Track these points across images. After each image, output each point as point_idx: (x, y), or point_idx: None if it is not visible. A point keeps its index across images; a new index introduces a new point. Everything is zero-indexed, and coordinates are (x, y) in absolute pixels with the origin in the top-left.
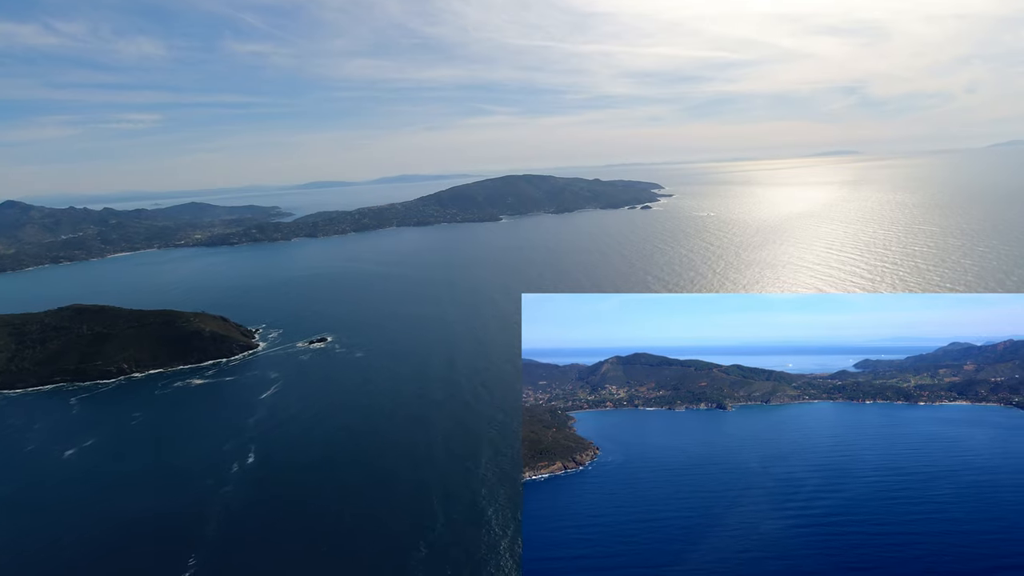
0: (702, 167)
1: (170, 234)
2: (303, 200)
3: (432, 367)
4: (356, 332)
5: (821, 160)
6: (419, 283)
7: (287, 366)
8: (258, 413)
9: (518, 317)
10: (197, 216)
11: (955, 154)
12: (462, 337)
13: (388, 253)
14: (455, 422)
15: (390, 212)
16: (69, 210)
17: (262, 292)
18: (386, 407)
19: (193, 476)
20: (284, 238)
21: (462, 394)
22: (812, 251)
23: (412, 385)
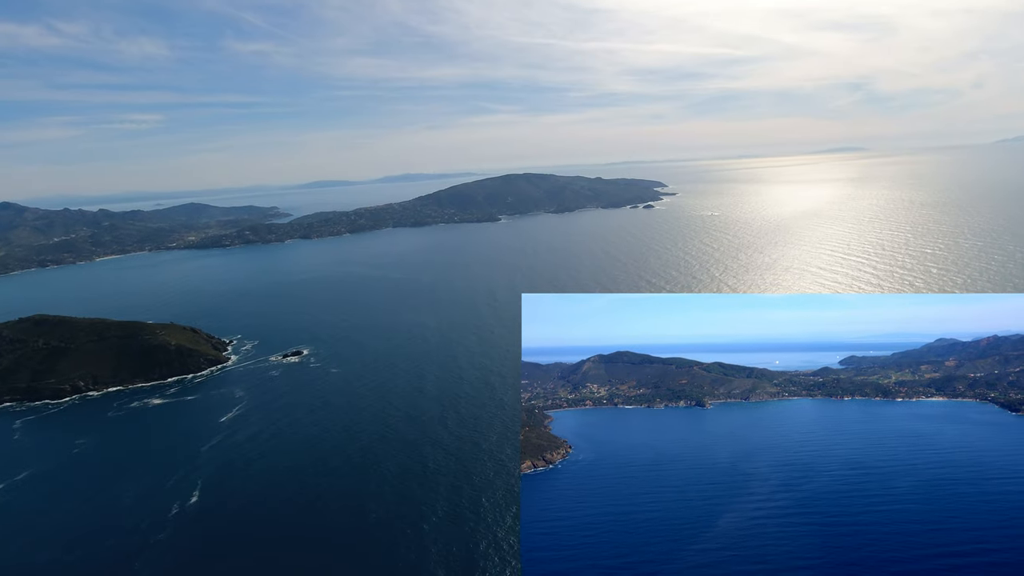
0: (706, 165)
1: (164, 236)
2: (304, 200)
3: (407, 388)
4: (335, 344)
5: (826, 157)
6: (407, 289)
7: (255, 384)
8: (213, 440)
9: (506, 327)
10: (194, 217)
11: (962, 150)
12: (445, 350)
13: (381, 256)
14: (414, 470)
15: (387, 213)
16: (63, 212)
17: (245, 298)
18: (339, 441)
19: (125, 521)
20: (278, 240)
21: (433, 427)
22: (820, 254)
23: (378, 411)
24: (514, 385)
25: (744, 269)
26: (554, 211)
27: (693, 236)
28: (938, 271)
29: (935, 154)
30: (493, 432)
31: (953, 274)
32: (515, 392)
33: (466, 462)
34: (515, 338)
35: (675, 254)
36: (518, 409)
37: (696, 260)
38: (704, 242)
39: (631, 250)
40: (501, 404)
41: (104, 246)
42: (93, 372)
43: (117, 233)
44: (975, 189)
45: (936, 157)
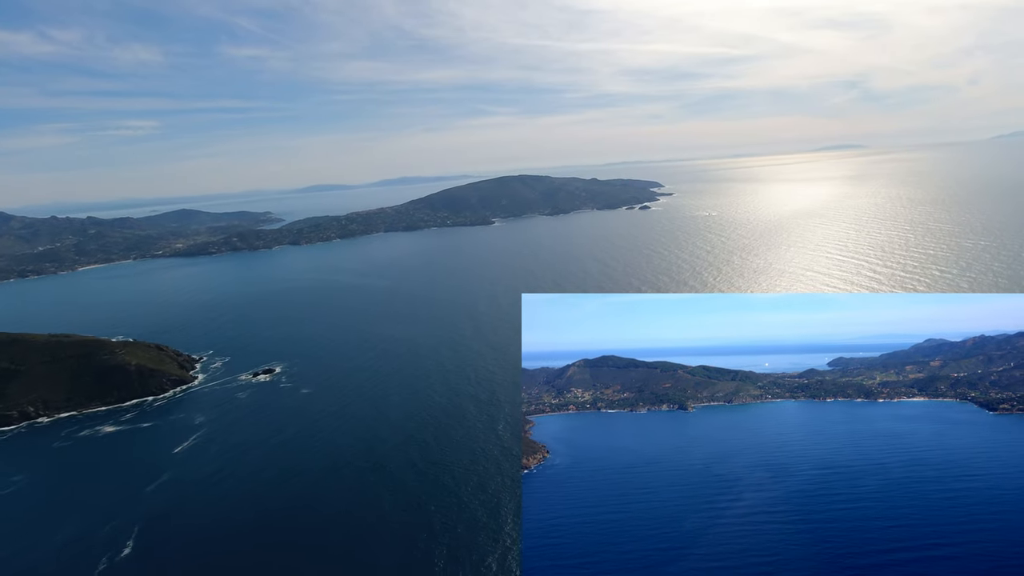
0: (703, 164)
1: (151, 243)
2: (300, 204)
3: (372, 414)
4: (311, 360)
5: (823, 155)
6: (390, 298)
7: (217, 408)
8: (162, 476)
9: (485, 340)
10: (184, 223)
11: (959, 147)
12: (418, 366)
13: (368, 262)
14: (366, 522)
15: (379, 217)
16: (50, 220)
17: (222, 310)
18: (286, 479)
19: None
20: (266, 246)
21: (402, 462)
22: (818, 256)
23: (337, 443)
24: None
25: (738, 273)
26: (549, 213)
27: (688, 238)
28: (940, 273)
29: (932, 151)
30: (459, 468)
31: (957, 276)
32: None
33: (434, 512)
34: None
35: (669, 259)
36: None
37: (689, 265)
38: (699, 245)
39: (623, 255)
40: (472, 433)
41: (89, 255)
42: (45, 396)
43: (103, 241)
44: (974, 186)
45: (933, 154)
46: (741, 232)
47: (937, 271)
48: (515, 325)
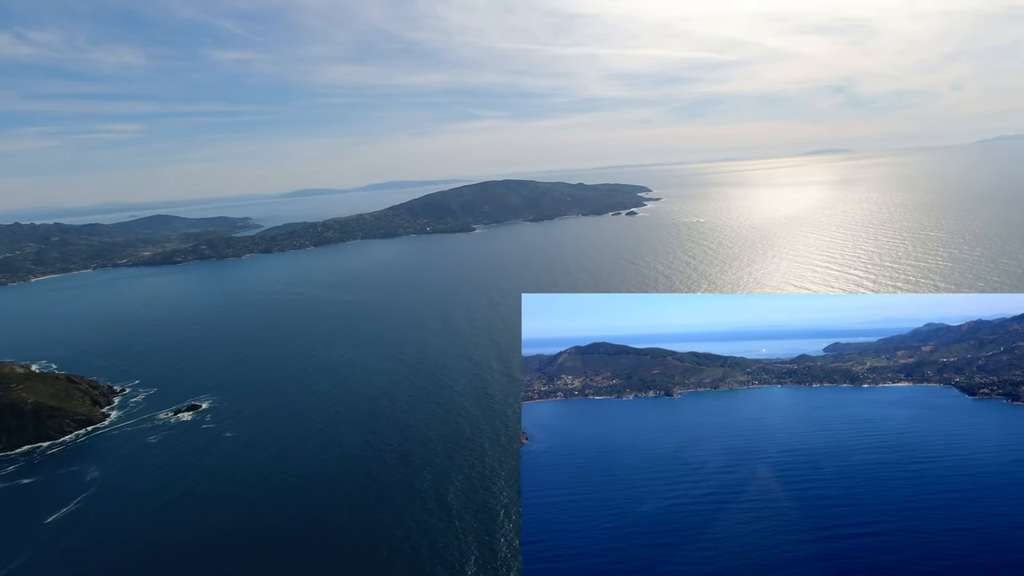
0: (691, 168)
1: (116, 252)
2: (284, 209)
3: (308, 471)
4: (245, 391)
5: (811, 159)
6: (352, 314)
7: (120, 457)
8: (16, 559)
9: (452, 364)
10: (157, 230)
11: (944, 151)
12: (371, 402)
13: (337, 273)
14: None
15: (357, 224)
16: (13, 226)
17: (169, 329)
18: (174, 561)
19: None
20: (235, 255)
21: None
22: (813, 267)
23: (254, 508)
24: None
25: (730, 288)
26: (532, 219)
27: (675, 247)
28: (945, 285)
29: (918, 155)
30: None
31: (962, 288)
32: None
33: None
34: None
35: (654, 270)
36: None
37: (678, 277)
38: (687, 253)
39: (603, 267)
40: (419, 488)
41: (47, 264)
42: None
43: (65, 249)
44: (964, 190)
45: (919, 158)
46: (727, 240)
47: (943, 284)
48: (484, 340)
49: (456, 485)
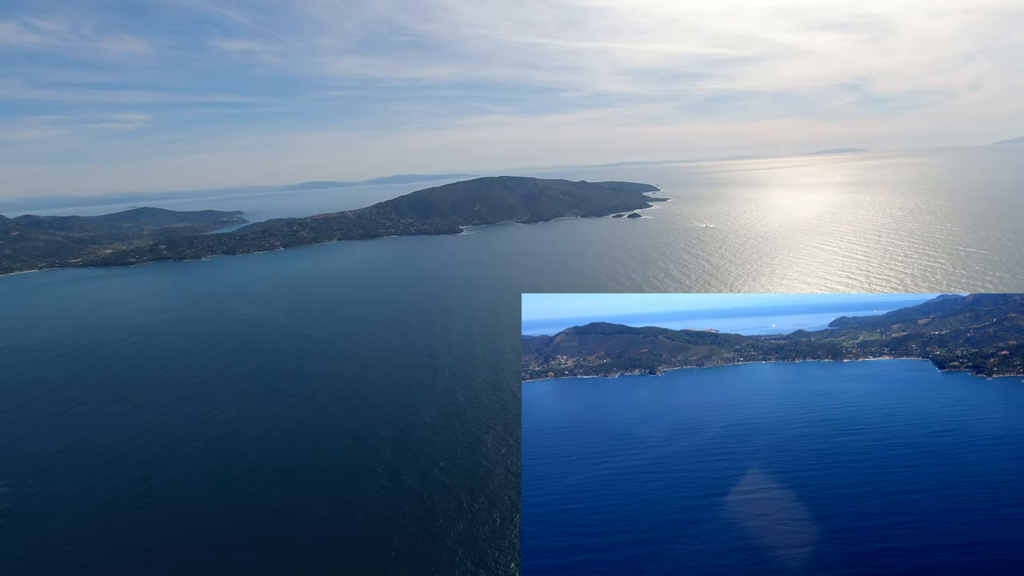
0: (702, 166)
1: (74, 249)
2: (286, 203)
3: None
4: (61, 476)
5: (825, 158)
6: (273, 347)
7: None
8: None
9: (388, 420)
10: (138, 223)
11: (962, 152)
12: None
13: (287, 284)
14: None
15: (337, 223)
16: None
17: (32, 361)
18: None
19: None
20: (195, 256)
21: None
22: (837, 288)
23: None
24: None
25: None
26: (526, 221)
27: (678, 261)
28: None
29: (936, 156)
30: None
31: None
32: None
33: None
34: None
35: (640, 291)
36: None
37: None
38: (691, 270)
39: (590, 286)
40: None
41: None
42: None
43: (20, 246)
44: (994, 196)
45: (938, 159)
46: (741, 254)
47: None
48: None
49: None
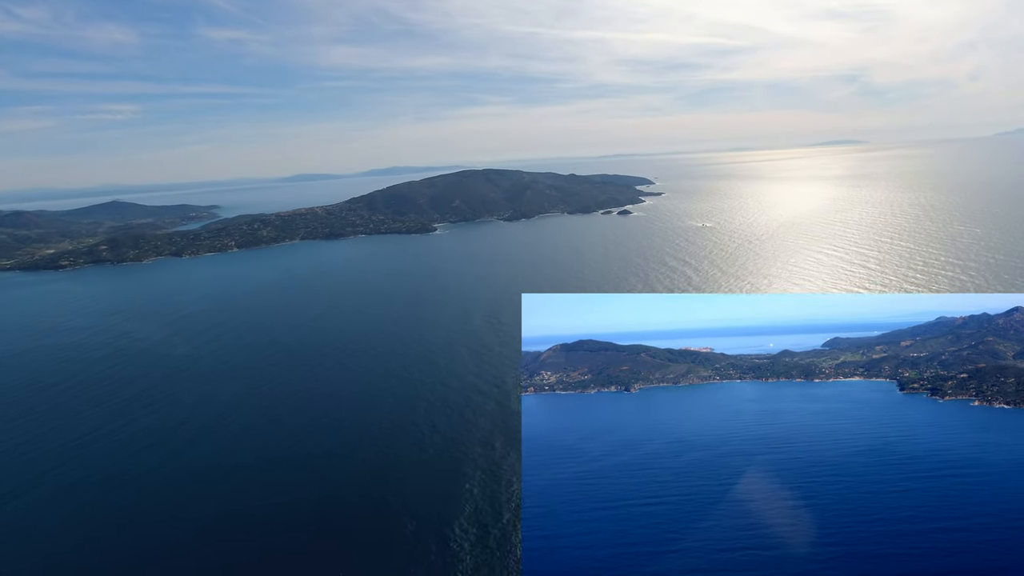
0: (700, 157)
1: (12, 249)
2: (273, 196)
3: None
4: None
5: (825, 150)
6: (153, 392)
7: None
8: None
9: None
10: (101, 219)
11: (963, 143)
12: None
13: (218, 296)
14: None
15: (302, 220)
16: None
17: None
18: None
19: None
20: (138, 258)
21: None
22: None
23: None
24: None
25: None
26: (508, 218)
27: (669, 272)
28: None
29: (936, 147)
30: None
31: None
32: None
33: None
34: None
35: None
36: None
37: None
38: (684, 284)
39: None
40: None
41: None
42: None
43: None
44: (1001, 190)
45: (938, 151)
46: (742, 259)
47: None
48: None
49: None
